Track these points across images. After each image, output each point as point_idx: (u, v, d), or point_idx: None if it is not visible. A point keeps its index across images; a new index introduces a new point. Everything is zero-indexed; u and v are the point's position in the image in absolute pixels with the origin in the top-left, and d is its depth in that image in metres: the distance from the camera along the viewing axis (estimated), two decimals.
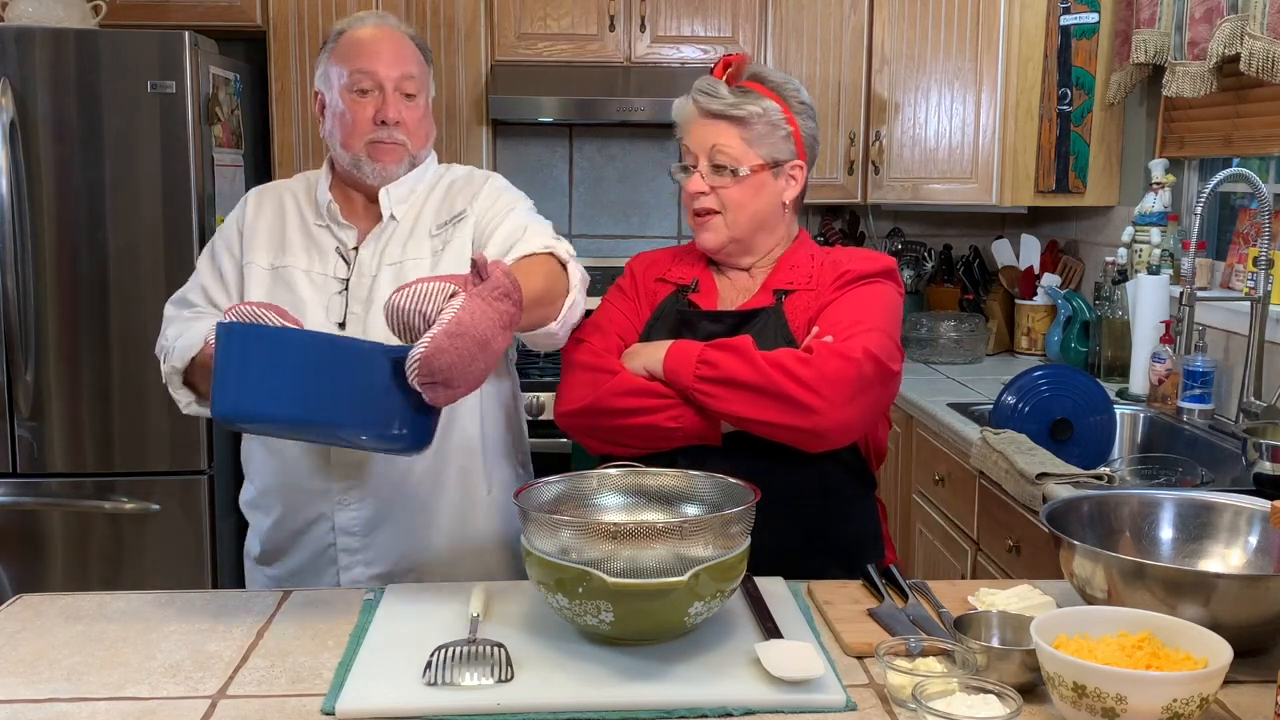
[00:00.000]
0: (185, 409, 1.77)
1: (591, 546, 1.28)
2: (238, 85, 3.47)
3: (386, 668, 1.31)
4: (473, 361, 1.36)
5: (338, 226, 1.86)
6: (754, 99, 1.79)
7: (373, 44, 1.81)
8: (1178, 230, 3.15)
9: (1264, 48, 2.53)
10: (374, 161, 1.82)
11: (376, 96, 1.80)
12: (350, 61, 1.81)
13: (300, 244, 1.86)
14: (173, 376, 1.75)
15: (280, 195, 1.93)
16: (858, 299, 1.77)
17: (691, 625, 1.34)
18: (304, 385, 1.39)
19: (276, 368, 1.39)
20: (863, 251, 1.88)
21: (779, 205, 1.83)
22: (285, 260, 1.85)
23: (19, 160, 3.06)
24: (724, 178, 1.79)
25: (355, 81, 1.80)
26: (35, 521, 3.19)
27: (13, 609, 1.52)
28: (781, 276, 1.84)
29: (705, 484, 1.50)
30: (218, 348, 1.40)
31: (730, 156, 1.78)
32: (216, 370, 1.40)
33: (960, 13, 3.47)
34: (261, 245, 1.86)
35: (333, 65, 1.83)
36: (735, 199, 1.80)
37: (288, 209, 1.90)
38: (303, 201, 1.91)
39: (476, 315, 1.37)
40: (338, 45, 1.84)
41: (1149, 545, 1.52)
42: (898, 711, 1.23)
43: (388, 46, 1.82)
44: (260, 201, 1.92)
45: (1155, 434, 2.79)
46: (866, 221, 4.12)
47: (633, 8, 3.64)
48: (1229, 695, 1.25)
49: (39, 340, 3.12)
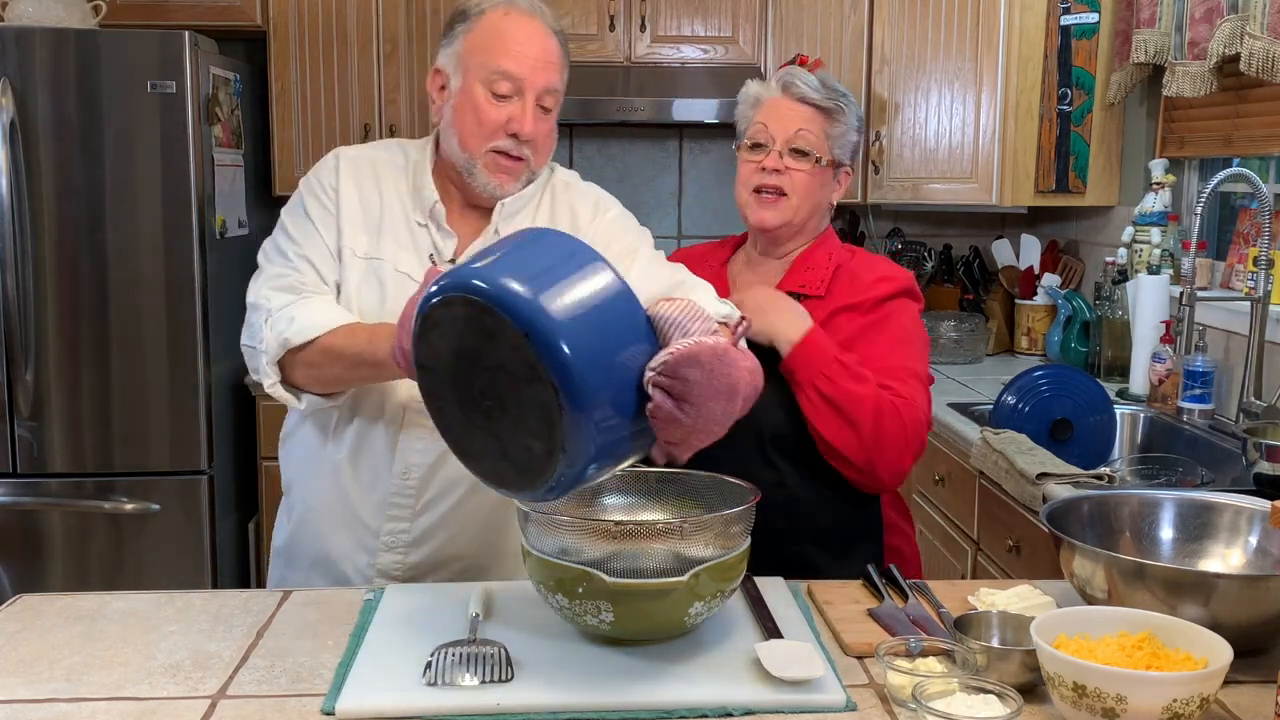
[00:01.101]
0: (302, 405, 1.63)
1: (591, 546, 1.28)
2: (238, 85, 3.47)
3: (386, 668, 1.31)
4: (715, 395, 1.22)
5: (438, 231, 1.69)
6: (841, 97, 1.86)
7: (524, 43, 1.61)
8: (1178, 230, 3.15)
9: (1264, 48, 2.53)
10: (490, 175, 1.65)
11: (514, 104, 1.62)
12: (493, 57, 1.61)
13: (398, 239, 1.68)
14: (277, 353, 1.58)
15: (376, 172, 1.71)
16: (898, 339, 1.80)
17: (691, 625, 1.34)
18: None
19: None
20: (881, 262, 1.92)
21: (828, 203, 1.90)
22: (380, 252, 1.67)
23: (19, 160, 3.06)
24: (802, 162, 1.84)
25: (494, 83, 1.61)
26: (35, 521, 3.19)
27: (13, 609, 1.52)
28: (796, 277, 1.86)
29: (705, 484, 1.50)
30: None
31: (811, 143, 1.83)
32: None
33: (960, 13, 3.47)
34: (357, 229, 1.67)
35: (469, 52, 1.63)
36: (805, 185, 1.84)
37: (386, 193, 1.70)
38: (402, 188, 1.71)
39: (736, 361, 1.25)
40: (479, 27, 1.63)
41: (1149, 545, 1.52)
42: (898, 711, 1.23)
43: (538, 49, 1.62)
44: (356, 175, 1.70)
45: (1155, 434, 2.79)
46: (866, 221, 4.12)
47: (633, 8, 3.64)
48: (1229, 695, 1.25)
49: (39, 340, 3.13)
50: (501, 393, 1.21)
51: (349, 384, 1.64)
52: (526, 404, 1.19)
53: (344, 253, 1.67)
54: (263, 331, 1.60)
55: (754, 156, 1.86)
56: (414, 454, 1.69)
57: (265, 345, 1.59)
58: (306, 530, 1.77)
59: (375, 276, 1.67)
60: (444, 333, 1.25)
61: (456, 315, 1.22)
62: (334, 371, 1.59)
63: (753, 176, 1.85)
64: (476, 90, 1.62)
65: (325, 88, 3.62)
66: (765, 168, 1.84)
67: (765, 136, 1.85)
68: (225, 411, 3.37)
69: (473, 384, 1.25)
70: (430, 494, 1.71)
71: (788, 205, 1.84)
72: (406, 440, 1.69)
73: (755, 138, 1.86)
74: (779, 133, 1.84)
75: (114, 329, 3.15)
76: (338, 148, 1.77)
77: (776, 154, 1.84)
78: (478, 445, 1.27)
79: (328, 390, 1.64)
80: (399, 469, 1.69)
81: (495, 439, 1.24)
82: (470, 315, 1.20)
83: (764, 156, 1.84)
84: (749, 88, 1.92)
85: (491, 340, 1.19)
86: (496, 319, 1.17)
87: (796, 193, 1.84)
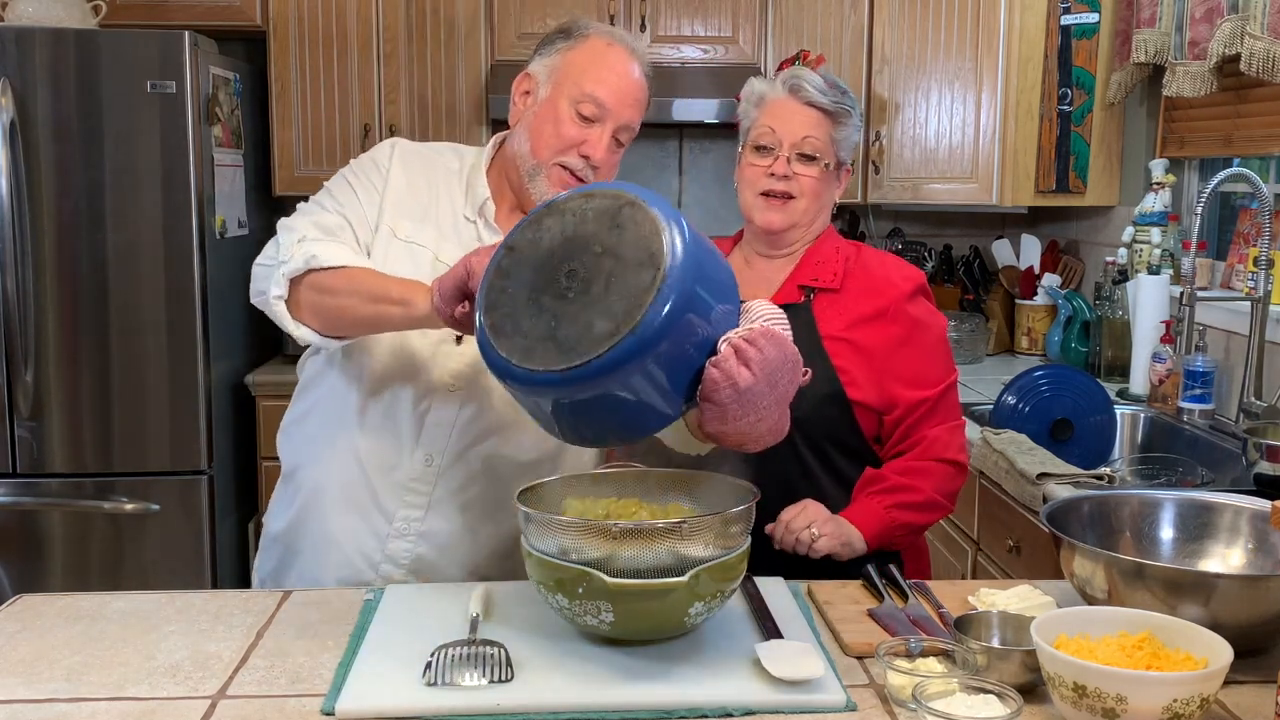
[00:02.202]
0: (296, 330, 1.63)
1: (591, 546, 1.28)
2: (238, 85, 3.47)
3: (386, 668, 1.31)
4: (772, 386, 1.33)
5: (485, 226, 1.73)
6: (845, 99, 1.85)
7: (620, 77, 1.69)
8: (1178, 230, 3.15)
9: (1264, 48, 2.53)
10: (550, 186, 1.68)
11: (594, 129, 1.68)
12: (588, 82, 1.67)
13: (442, 229, 1.72)
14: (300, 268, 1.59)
15: (430, 163, 1.77)
16: (931, 349, 1.83)
17: (691, 625, 1.34)
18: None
19: None
20: (890, 259, 1.92)
21: (832, 203, 1.91)
22: (422, 239, 1.70)
23: (19, 160, 3.06)
24: (810, 167, 1.83)
25: (582, 104, 1.67)
26: (35, 521, 3.19)
27: (13, 609, 1.52)
28: (807, 271, 1.86)
29: (705, 484, 1.49)
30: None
31: (818, 148, 1.83)
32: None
33: (960, 13, 3.47)
34: (401, 213, 1.71)
35: (566, 68, 1.69)
36: (813, 188, 1.84)
37: (437, 187, 1.75)
38: (454, 182, 1.76)
39: (798, 377, 1.38)
40: (582, 48, 1.70)
41: (1149, 545, 1.52)
42: (898, 711, 1.23)
43: (630, 86, 1.70)
44: (408, 164, 1.75)
45: (1155, 434, 2.79)
46: (867, 221, 4.12)
47: (633, 7, 3.64)
48: (1229, 695, 1.25)
49: (39, 340, 3.12)
50: (593, 275, 1.31)
51: (357, 322, 1.62)
52: (618, 287, 1.29)
53: (381, 229, 1.70)
54: (291, 249, 1.61)
55: (760, 160, 1.84)
56: (438, 439, 1.71)
57: (289, 257, 1.60)
58: (313, 513, 1.77)
59: (411, 259, 1.69)
60: (566, 219, 1.36)
61: (592, 205, 1.35)
62: (350, 302, 1.59)
63: (760, 180, 1.84)
64: (563, 105, 1.68)
65: (325, 88, 3.62)
66: (774, 173, 1.83)
67: (772, 140, 1.83)
68: (225, 411, 3.37)
69: (564, 265, 1.34)
70: (449, 484, 1.72)
71: (795, 208, 1.84)
72: (432, 424, 1.71)
73: (761, 140, 1.84)
74: (786, 136, 1.82)
75: (114, 329, 3.15)
76: (395, 138, 1.82)
77: (784, 159, 1.82)
78: (526, 323, 1.33)
79: (330, 326, 1.63)
80: (421, 455, 1.71)
81: (554, 317, 1.31)
82: (608, 207, 1.34)
83: (770, 160, 1.83)
84: (753, 85, 1.90)
85: (618, 229, 1.32)
86: (639, 210, 1.32)
87: (805, 196, 1.83)
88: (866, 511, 1.72)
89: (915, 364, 1.80)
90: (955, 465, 1.81)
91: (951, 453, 1.80)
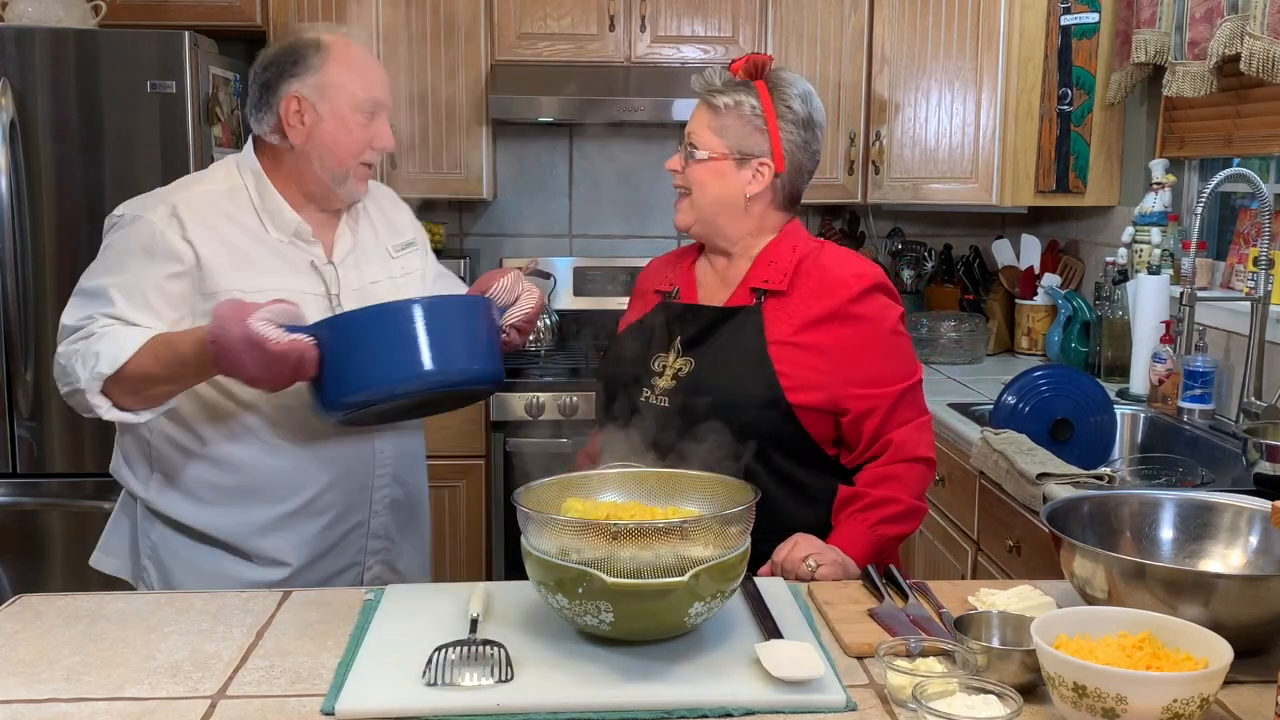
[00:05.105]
0: (106, 414, 1.75)
1: (591, 546, 1.28)
2: (237, 85, 3.47)
3: (386, 668, 1.31)
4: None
5: (307, 243, 1.86)
6: (735, 92, 1.82)
7: (373, 70, 1.91)
8: (1178, 230, 3.15)
9: (1264, 48, 2.53)
10: (359, 184, 1.90)
11: (376, 121, 1.89)
12: (358, 88, 1.86)
13: (269, 268, 1.81)
14: (92, 384, 1.70)
15: (221, 208, 1.83)
16: (887, 348, 1.81)
17: (691, 625, 1.34)
18: (417, 348, 1.61)
19: (398, 338, 1.61)
20: (850, 257, 1.88)
21: (740, 196, 1.84)
22: (266, 285, 1.78)
23: (19, 160, 3.06)
24: (697, 161, 1.84)
25: (363, 108, 1.86)
26: (35, 521, 3.19)
27: (12, 609, 1.52)
28: (759, 273, 1.85)
29: (705, 484, 1.49)
30: (329, 340, 1.59)
31: (697, 139, 1.84)
32: (330, 363, 1.59)
33: (960, 13, 3.47)
34: (230, 269, 1.78)
35: (332, 83, 1.82)
36: (697, 179, 1.84)
37: (233, 225, 1.82)
38: (242, 214, 1.83)
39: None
40: (334, 59, 1.84)
41: (1149, 545, 1.52)
42: (898, 711, 1.23)
43: (381, 73, 1.93)
44: (202, 218, 1.80)
45: (1155, 434, 2.79)
46: (867, 221, 4.12)
47: (633, 7, 3.64)
48: (1229, 695, 1.25)
49: (39, 340, 3.12)
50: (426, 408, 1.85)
51: (176, 392, 1.76)
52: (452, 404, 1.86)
53: (221, 296, 1.73)
54: (77, 371, 1.71)
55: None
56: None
57: (84, 385, 1.71)
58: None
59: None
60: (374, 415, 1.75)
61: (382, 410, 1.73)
62: (160, 389, 1.73)
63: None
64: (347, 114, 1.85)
65: None
66: (666, 167, 1.89)
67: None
68: None
69: (397, 416, 1.84)
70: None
71: (689, 204, 1.86)
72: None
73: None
74: (686, 134, 1.87)
75: None
76: (165, 197, 1.85)
77: (680, 155, 1.86)
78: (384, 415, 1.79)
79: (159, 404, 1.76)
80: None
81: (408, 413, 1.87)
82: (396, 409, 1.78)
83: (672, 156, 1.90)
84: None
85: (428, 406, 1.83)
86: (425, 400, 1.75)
87: (693, 189, 1.85)
88: (853, 534, 1.72)
89: (868, 365, 1.78)
90: (925, 462, 1.81)
91: (921, 450, 1.80)
